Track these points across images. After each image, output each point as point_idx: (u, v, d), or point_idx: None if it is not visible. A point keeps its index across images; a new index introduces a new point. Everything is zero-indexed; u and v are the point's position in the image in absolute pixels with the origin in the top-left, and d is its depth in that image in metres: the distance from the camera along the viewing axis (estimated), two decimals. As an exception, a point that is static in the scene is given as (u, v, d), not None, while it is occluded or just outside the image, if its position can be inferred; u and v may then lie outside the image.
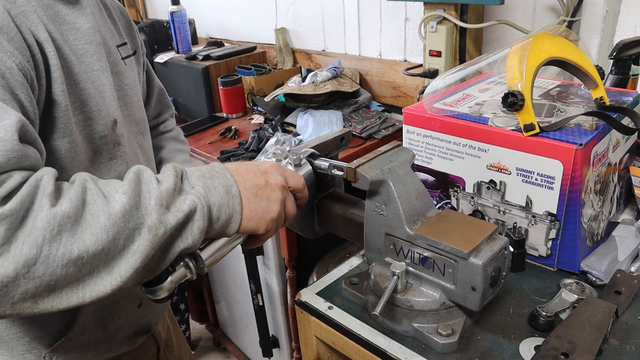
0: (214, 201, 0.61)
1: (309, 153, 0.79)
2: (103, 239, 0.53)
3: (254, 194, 0.65)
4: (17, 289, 0.49)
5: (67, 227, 0.51)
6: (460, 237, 0.67)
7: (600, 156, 0.84)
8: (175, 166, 0.62)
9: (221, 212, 0.62)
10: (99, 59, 0.78)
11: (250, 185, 0.65)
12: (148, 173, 0.60)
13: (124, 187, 0.57)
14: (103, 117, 0.76)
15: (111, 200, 0.55)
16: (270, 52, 2.33)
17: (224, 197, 0.62)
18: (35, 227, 0.50)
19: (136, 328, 0.91)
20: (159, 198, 0.57)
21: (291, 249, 1.56)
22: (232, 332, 2.27)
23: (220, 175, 0.64)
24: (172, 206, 0.58)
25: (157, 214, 0.56)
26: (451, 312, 0.71)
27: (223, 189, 0.62)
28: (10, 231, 0.49)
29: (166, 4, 2.37)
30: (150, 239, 0.56)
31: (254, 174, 0.66)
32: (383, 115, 1.82)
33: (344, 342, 0.78)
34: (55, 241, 0.51)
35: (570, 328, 0.68)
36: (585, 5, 1.33)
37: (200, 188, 0.61)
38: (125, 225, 0.55)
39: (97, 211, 0.54)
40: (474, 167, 0.89)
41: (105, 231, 0.53)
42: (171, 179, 0.59)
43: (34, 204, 0.51)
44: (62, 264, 0.51)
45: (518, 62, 0.83)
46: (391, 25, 1.83)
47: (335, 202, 0.83)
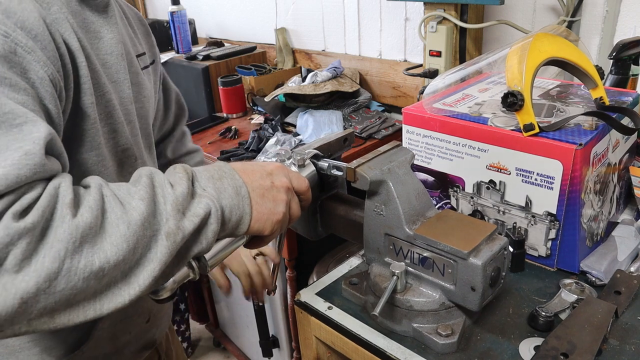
0: (225, 203, 0.60)
1: (313, 154, 0.79)
2: (124, 248, 0.51)
3: (261, 195, 0.64)
4: (36, 305, 0.47)
5: (88, 238, 0.50)
6: (460, 237, 0.67)
7: (600, 156, 0.84)
8: (185, 167, 0.61)
9: (232, 213, 0.61)
10: (121, 71, 0.76)
11: (257, 186, 0.64)
12: (160, 176, 0.58)
13: (140, 192, 0.55)
14: (125, 130, 0.76)
15: (129, 208, 0.53)
16: (270, 52, 2.33)
17: (235, 198, 0.61)
18: (58, 239, 0.48)
19: (142, 343, 0.90)
20: (174, 203, 0.56)
21: (291, 249, 1.56)
22: (232, 332, 2.27)
23: (229, 175, 0.63)
24: (188, 211, 0.57)
25: (175, 220, 0.55)
26: (451, 312, 0.71)
27: (233, 190, 0.62)
28: (31, 244, 0.47)
29: (166, 4, 2.37)
30: (169, 246, 0.54)
31: (260, 175, 0.66)
32: (383, 115, 1.82)
33: (343, 342, 0.78)
34: (77, 253, 0.49)
35: (570, 328, 0.68)
36: (585, 5, 1.33)
37: (212, 190, 0.60)
38: (144, 233, 0.53)
39: (117, 220, 0.52)
40: (473, 167, 0.89)
41: (125, 240, 0.51)
42: (184, 182, 0.58)
43: (54, 214, 0.49)
44: (84, 277, 0.49)
45: (518, 62, 0.83)
46: (391, 25, 1.83)
47: (339, 204, 0.82)
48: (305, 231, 0.86)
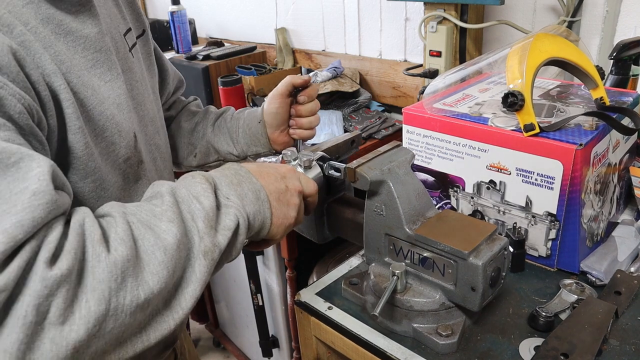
0: (249, 210, 0.59)
1: (319, 156, 0.79)
2: (164, 275, 0.49)
3: (277, 199, 0.63)
4: (87, 350, 0.45)
5: (129, 272, 0.47)
6: (460, 238, 0.67)
7: (600, 156, 0.84)
8: (206, 176, 0.59)
9: (256, 220, 0.60)
10: (111, 67, 0.70)
11: (274, 190, 0.63)
12: (182, 191, 0.56)
13: (168, 214, 0.52)
14: (124, 137, 0.70)
15: (159, 232, 0.51)
16: (270, 52, 2.33)
17: (256, 203, 0.60)
18: (98, 280, 0.45)
19: (164, 343, 0.87)
20: (206, 219, 0.54)
21: (291, 249, 1.56)
22: (232, 331, 2.27)
23: (246, 179, 0.61)
24: (219, 224, 0.55)
25: (209, 237, 0.53)
26: (451, 312, 0.71)
27: (253, 195, 0.60)
28: (71, 291, 0.44)
29: (166, 4, 2.37)
30: (207, 264, 0.53)
31: (275, 178, 0.64)
32: (383, 115, 1.82)
33: (343, 343, 0.78)
34: (121, 290, 0.46)
35: (570, 328, 0.68)
36: (586, 5, 1.33)
37: (235, 197, 0.58)
38: (180, 255, 0.51)
39: (151, 247, 0.50)
40: (473, 167, 0.89)
41: (165, 267, 0.49)
42: (209, 194, 0.56)
43: (86, 254, 0.46)
44: (131, 312, 0.47)
45: (518, 62, 0.83)
46: (391, 25, 1.83)
47: (346, 206, 0.82)
48: (312, 234, 0.86)
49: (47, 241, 0.45)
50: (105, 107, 0.67)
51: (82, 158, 0.62)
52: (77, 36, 0.65)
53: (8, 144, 0.47)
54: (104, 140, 0.67)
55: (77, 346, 0.44)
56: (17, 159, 0.46)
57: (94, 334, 0.45)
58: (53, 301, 0.43)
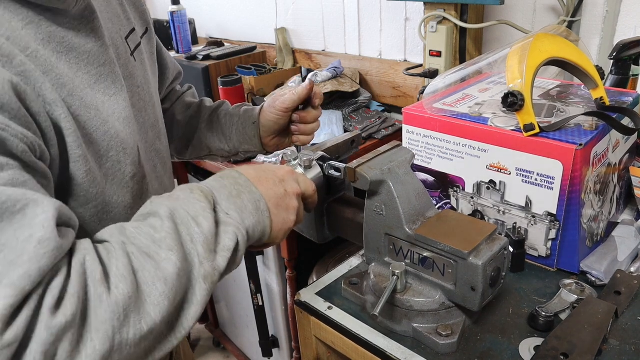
0: (248, 223, 0.59)
1: (320, 156, 0.79)
2: (166, 305, 0.50)
3: (276, 205, 0.63)
4: None
5: (131, 308, 0.48)
6: (460, 238, 0.67)
7: (600, 156, 0.84)
8: (204, 190, 0.59)
9: (255, 231, 0.60)
10: (115, 80, 0.69)
11: (272, 196, 0.63)
12: (180, 212, 0.55)
13: (167, 241, 0.53)
14: (129, 154, 0.69)
15: (159, 261, 0.51)
16: (270, 52, 2.33)
17: (255, 215, 0.60)
18: (101, 321, 0.46)
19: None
20: (205, 244, 0.54)
21: (291, 249, 1.56)
22: (231, 331, 2.27)
23: (245, 189, 0.61)
24: (218, 245, 0.56)
25: (209, 262, 0.54)
26: (451, 312, 0.71)
27: (253, 206, 0.60)
28: (76, 334, 0.45)
29: (166, 4, 2.37)
30: (208, 288, 0.54)
31: (273, 183, 0.64)
32: (383, 115, 1.82)
33: (343, 342, 0.78)
34: (124, 326, 0.47)
35: (570, 328, 0.68)
36: (586, 5, 1.33)
37: (235, 213, 0.58)
38: (180, 282, 0.52)
39: (152, 278, 0.50)
40: (473, 167, 0.89)
41: (166, 297, 0.50)
42: (208, 215, 0.56)
43: (88, 294, 0.47)
44: (135, 344, 0.48)
45: (518, 62, 0.83)
46: (391, 25, 1.83)
47: (346, 206, 0.82)
48: (312, 234, 0.86)
49: (51, 287, 0.45)
50: (110, 127, 0.66)
51: (83, 185, 0.62)
52: (80, 52, 0.64)
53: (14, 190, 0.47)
54: (109, 160, 0.66)
55: None
56: (22, 206, 0.47)
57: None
58: (60, 346, 0.44)
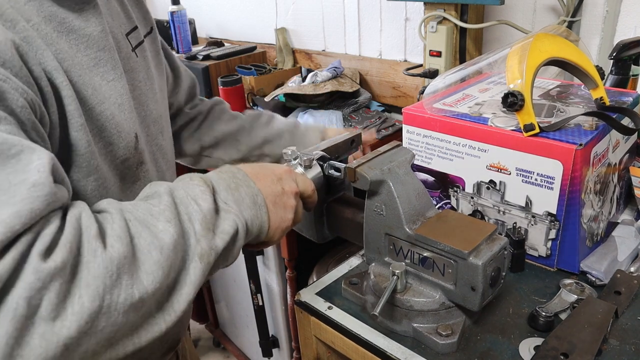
0: (247, 216, 0.59)
1: (320, 156, 0.79)
2: (159, 275, 0.49)
3: (273, 203, 0.63)
4: (77, 349, 0.44)
5: (125, 269, 0.47)
6: (460, 238, 0.67)
7: (600, 156, 0.84)
8: (204, 178, 0.59)
9: (253, 225, 0.60)
10: (114, 67, 0.69)
11: (270, 193, 0.63)
12: (180, 192, 0.55)
13: (165, 214, 0.52)
14: (124, 138, 0.69)
15: (156, 231, 0.51)
16: (270, 52, 2.33)
17: (253, 208, 0.60)
18: (93, 276, 0.45)
19: (167, 345, 0.88)
20: (204, 222, 0.54)
21: (291, 249, 1.56)
22: (232, 331, 2.27)
23: (244, 183, 0.61)
24: (217, 228, 0.55)
25: (206, 240, 0.53)
26: (451, 312, 0.71)
27: (250, 199, 0.60)
28: (64, 285, 0.43)
29: (166, 4, 2.37)
30: (203, 268, 0.53)
31: (271, 180, 0.64)
32: (383, 115, 1.82)
33: (343, 342, 0.78)
34: (116, 287, 0.46)
35: (570, 328, 0.68)
36: (586, 5, 1.33)
37: (233, 204, 0.58)
38: (176, 256, 0.51)
39: (148, 245, 0.49)
40: (473, 167, 0.89)
41: (160, 267, 0.49)
42: (207, 197, 0.56)
43: (82, 249, 0.46)
44: (124, 311, 0.46)
45: (518, 62, 0.83)
46: (391, 25, 1.83)
47: (345, 206, 0.82)
48: (311, 234, 0.86)
49: (43, 234, 0.44)
50: (106, 107, 0.66)
51: (85, 155, 0.62)
52: (79, 35, 0.65)
53: (9, 135, 0.47)
54: (101, 139, 0.66)
55: (67, 343, 0.43)
56: (17, 151, 0.46)
57: (86, 332, 0.44)
58: (45, 295, 0.42)
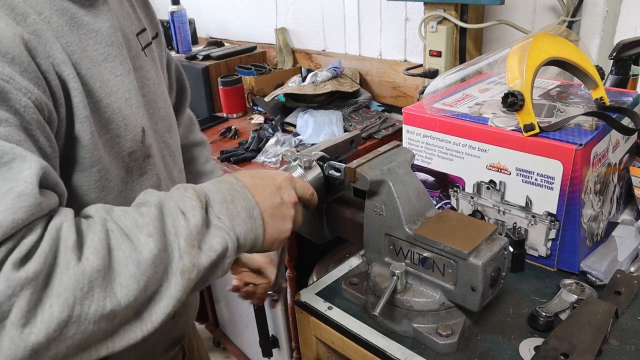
0: (240, 230, 0.59)
1: (319, 156, 0.78)
2: (134, 289, 0.49)
3: (271, 215, 0.63)
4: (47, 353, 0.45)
5: (97, 282, 0.48)
6: (460, 238, 0.67)
7: (600, 156, 0.84)
8: (197, 190, 0.58)
9: (247, 239, 0.60)
10: (122, 62, 0.70)
11: (268, 205, 0.63)
12: (170, 204, 0.55)
13: (149, 227, 0.52)
14: (131, 131, 0.70)
15: (137, 244, 0.51)
16: (270, 52, 2.33)
17: (248, 222, 0.60)
18: (64, 287, 0.46)
19: (170, 340, 0.88)
20: (189, 238, 0.54)
21: (291, 249, 1.56)
22: (232, 331, 2.27)
23: (241, 195, 0.61)
24: (204, 244, 0.55)
25: (189, 257, 0.53)
26: (451, 312, 0.71)
27: (246, 213, 0.60)
28: (35, 294, 0.44)
29: (166, 4, 2.37)
30: (183, 284, 0.53)
31: (270, 191, 0.64)
32: (383, 115, 1.82)
33: (343, 343, 0.78)
34: (86, 298, 0.47)
35: (570, 328, 0.68)
36: (586, 5, 1.33)
37: (226, 218, 0.58)
38: (155, 271, 0.51)
39: (125, 259, 0.50)
40: (473, 167, 0.89)
41: (135, 280, 0.50)
42: (198, 212, 0.55)
43: (57, 259, 0.47)
44: (94, 321, 0.48)
45: (518, 62, 0.83)
46: (391, 25, 1.83)
47: (345, 206, 0.82)
48: (311, 234, 0.86)
49: (22, 243, 0.45)
50: (113, 100, 0.67)
51: (89, 147, 0.63)
52: (89, 29, 0.66)
53: (3, 142, 0.48)
54: (108, 132, 0.67)
55: (35, 348, 0.44)
56: (9, 159, 0.47)
57: (55, 338, 0.45)
58: (16, 302, 0.43)
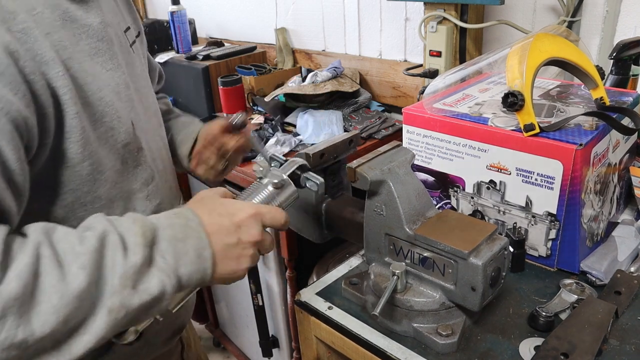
0: (184, 271, 0.58)
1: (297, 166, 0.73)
2: (52, 321, 0.48)
3: (223, 257, 0.62)
4: None
5: (13, 310, 0.46)
6: (460, 238, 0.67)
7: (600, 156, 0.84)
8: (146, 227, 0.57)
9: (192, 278, 0.59)
10: (112, 57, 0.72)
11: (222, 247, 0.61)
12: (113, 237, 0.54)
13: (83, 258, 0.51)
14: (124, 123, 0.72)
15: (67, 274, 0.50)
16: (270, 52, 2.33)
17: (195, 263, 0.59)
18: None
19: (173, 329, 0.89)
20: (123, 277, 0.53)
21: (291, 249, 1.56)
22: (232, 332, 2.27)
23: (194, 234, 0.60)
24: (140, 284, 0.54)
25: (120, 296, 0.52)
26: (451, 312, 0.71)
27: (195, 253, 0.59)
28: None
29: (166, 4, 2.37)
30: (109, 322, 0.52)
31: (227, 231, 0.62)
32: (383, 115, 1.82)
33: (343, 342, 0.78)
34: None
35: (570, 328, 0.68)
36: (586, 5, 1.33)
37: (171, 258, 0.57)
38: (81, 305, 0.50)
39: (50, 287, 0.49)
40: (473, 167, 0.89)
41: (55, 312, 0.48)
42: (139, 250, 0.54)
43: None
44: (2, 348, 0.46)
45: (518, 62, 0.83)
46: (391, 25, 1.83)
47: (344, 206, 0.82)
48: (310, 234, 0.86)
49: None
50: (105, 94, 0.69)
51: (80, 142, 0.64)
52: (81, 24, 0.68)
53: None
54: (103, 125, 0.69)
55: None
56: None
57: None
58: None
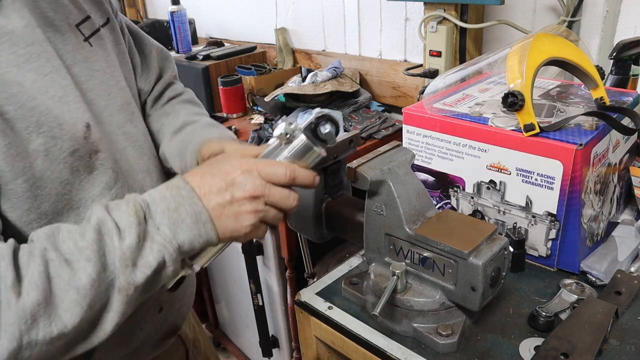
0: (183, 238, 0.58)
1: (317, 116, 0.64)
2: (77, 312, 0.53)
3: (219, 216, 0.61)
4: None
5: (40, 313, 0.51)
6: (460, 238, 0.67)
7: (600, 156, 0.84)
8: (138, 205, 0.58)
9: (194, 243, 0.59)
10: (49, 59, 0.66)
11: (214, 206, 0.60)
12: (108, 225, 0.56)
13: (86, 252, 0.55)
14: (69, 130, 0.66)
15: (77, 270, 0.54)
16: (270, 52, 2.33)
17: (194, 228, 0.59)
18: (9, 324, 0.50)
19: (162, 332, 0.88)
20: (122, 259, 0.55)
21: (291, 249, 1.56)
22: (231, 332, 2.27)
23: (187, 201, 0.59)
24: (139, 260, 0.56)
25: (124, 276, 0.56)
26: (451, 312, 0.71)
27: (192, 219, 0.59)
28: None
29: (166, 4, 2.37)
30: (122, 299, 0.56)
31: (218, 190, 0.61)
32: (383, 115, 1.82)
33: (343, 342, 0.78)
34: (33, 329, 0.51)
35: (570, 328, 0.68)
36: (586, 5, 1.33)
37: (166, 228, 0.58)
38: (97, 291, 0.54)
39: (65, 286, 0.53)
40: (473, 167, 0.89)
41: (78, 304, 0.53)
42: (134, 229, 0.56)
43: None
44: (46, 342, 0.52)
45: (518, 62, 0.83)
46: (391, 25, 1.83)
47: (344, 206, 0.82)
48: (310, 234, 0.86)
49: None
50: (39, 103, 0.63)
51: (8, 159, 0.60)
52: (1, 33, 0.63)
53: None
54: (40, 136, 0.63)
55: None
56: None
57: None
58: None
